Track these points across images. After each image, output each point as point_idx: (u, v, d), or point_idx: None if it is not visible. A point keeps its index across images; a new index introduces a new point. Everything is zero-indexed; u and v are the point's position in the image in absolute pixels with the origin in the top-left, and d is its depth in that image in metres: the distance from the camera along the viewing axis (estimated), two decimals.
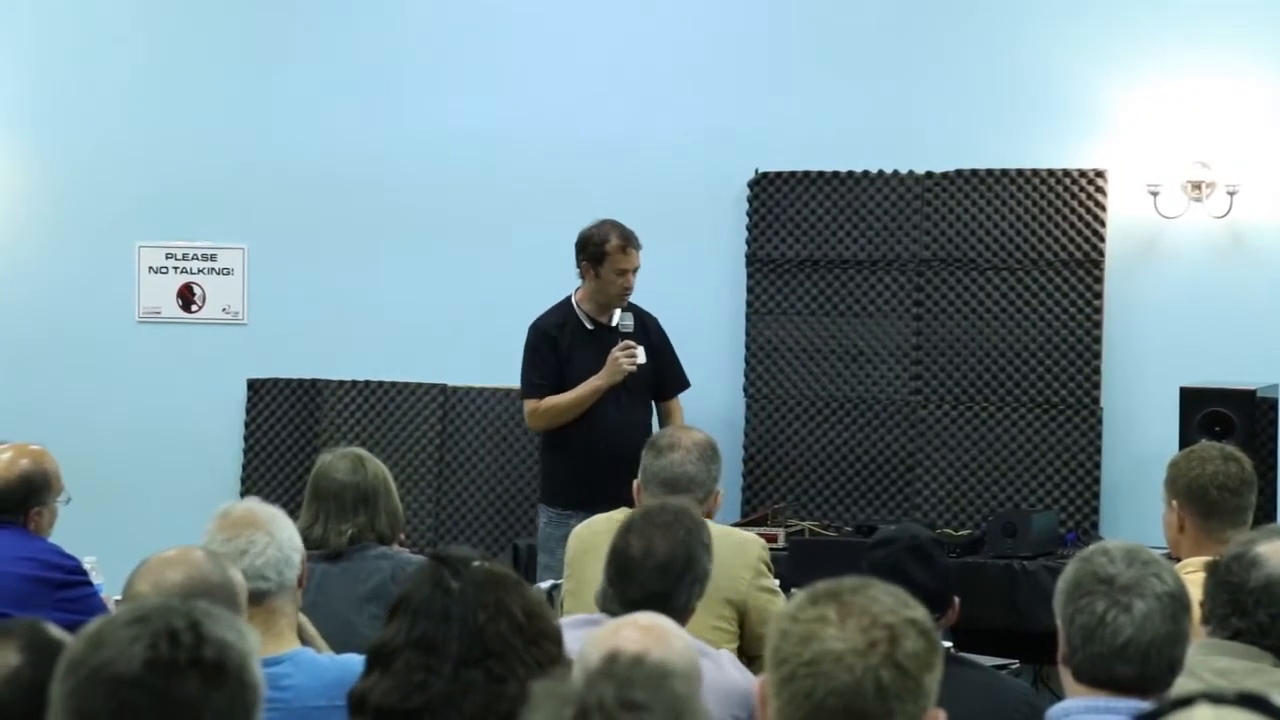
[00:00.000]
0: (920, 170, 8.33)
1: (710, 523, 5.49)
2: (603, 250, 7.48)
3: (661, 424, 7.67)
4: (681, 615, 4.27)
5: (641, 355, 7.54)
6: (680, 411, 7.80)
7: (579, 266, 7.56)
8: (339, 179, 8.90)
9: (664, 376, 7.75)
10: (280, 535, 4.19)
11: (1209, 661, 3.74)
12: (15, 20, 9.19)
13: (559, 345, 7.58)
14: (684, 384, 7.87)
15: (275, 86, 8.96)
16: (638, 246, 7.52)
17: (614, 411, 7.49)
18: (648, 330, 7.69)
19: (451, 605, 3.32)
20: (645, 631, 3.26)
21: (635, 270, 7.53)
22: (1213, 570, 3.90)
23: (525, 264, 8.67)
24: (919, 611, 2.58)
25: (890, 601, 2.57)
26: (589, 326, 7.60)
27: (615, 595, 4.27)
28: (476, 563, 3.38)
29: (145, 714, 2.34)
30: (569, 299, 7.67)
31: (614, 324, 7.57)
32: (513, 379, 8.59)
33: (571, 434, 7.53)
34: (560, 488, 7.52)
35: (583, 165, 8.62)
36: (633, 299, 7.73)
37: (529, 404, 7.63)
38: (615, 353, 7.46)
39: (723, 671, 4.21)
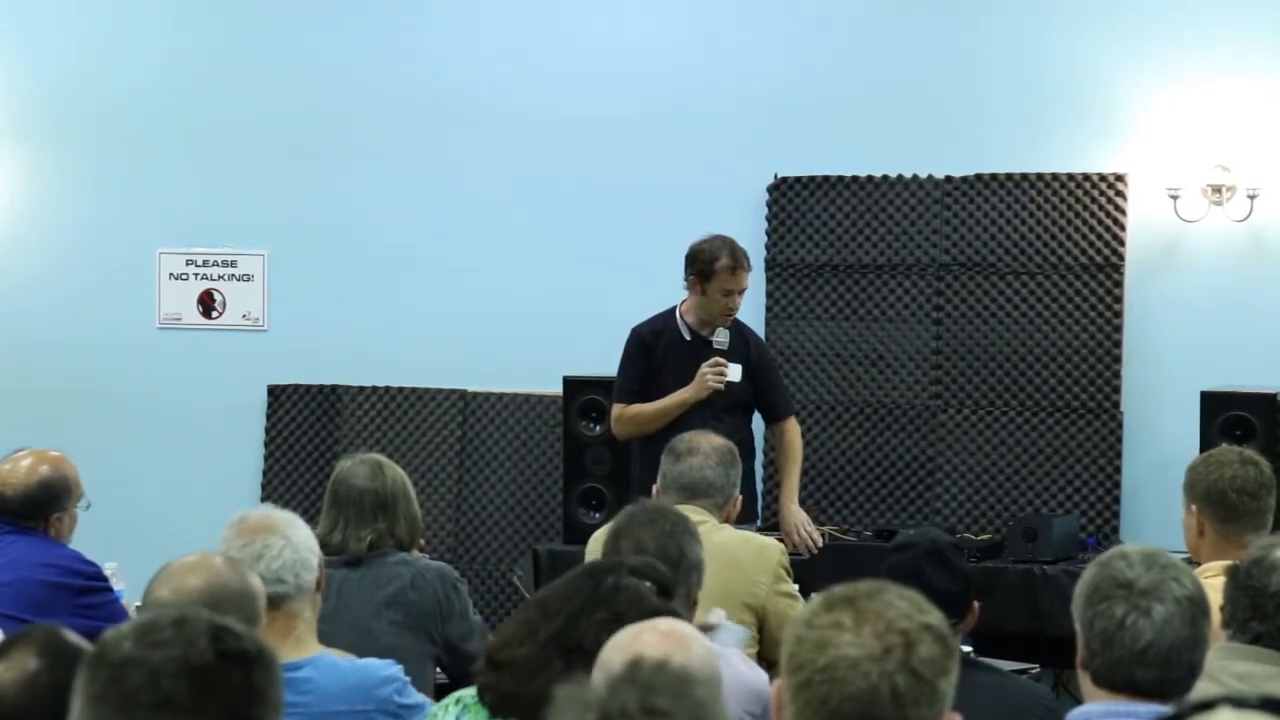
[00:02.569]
0: (939, 175, 8.32)
1: (730, 528, 5.53)
2: (711, 268, 7.25)
3: (777, 446, 7.59)
4: (684, 607, 4.29)
5: (735, 374, 7.33)
6: (795, 432, 7.57)
7: (686, 279, 7.35)
8: (357, 185, 8.92)
9: (766, 397, 7.53)
10: (296, 538, 4.18)
11: (1229, 666, 3.73)
12: (36, 26, 9.21)
13: (653, 352, 7.43)
14: (788, 407, 7.63)
15: (293, 96, 8.97)
16: (748, 268, 7.31)
17: (695, 425, 7.32)
18: (748, 348, 7.50)
19: (584, 590, 3.36)
20: (665, 636, 3.25)
21: (742, 291, 7.34)
22: (1233, 575, 3.89)
23: (545, 269, 8.68)
24: (934, 616, 2.57)
25: (905, 606, 2.56)
26: (687, 337, 7.41)
27: None
28: (645, 583, 3.41)
29: (223, 702, 2.35)
30: (674, 307, 7.49)
31: (712, 338, 7.42)
32: (531, 385, 8.63)
33: (655, 444, 7.36)
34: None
35: (603, 171, 8.63)
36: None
37: (616, 408, 7.48)
38: (704, 368, 7.28)
39: (734, 669, 4.22)
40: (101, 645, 2.41)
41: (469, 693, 3.62)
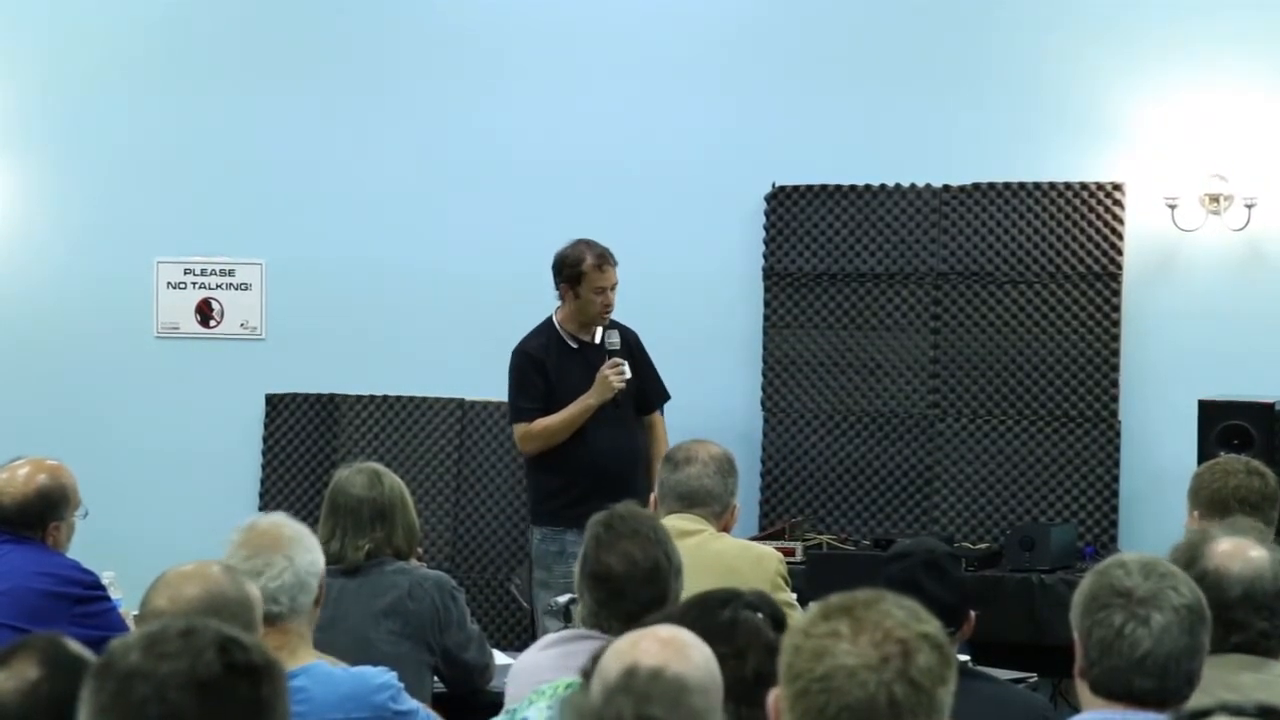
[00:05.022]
0: (937, 183, 8.33)
1: (728, 536, 5.53)
2: (579, 270, 7.45)
3: (650, 441, 7.66)
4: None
5: (629, 371, 7.52)
6: (662, 424, 7.75)
7: (557, 288, 7.54)
8: (355, 194, 8.92)
9: (645, 391, 7.70)
10: (299, 561, 4.18)
11: (1220, 677, 3.72)
12: (34, 35, 9.22)
13: (545, 367, 7.56)
14: (664, 396, 7.82)
15: (292, 102, 8.98)
16: (614, 264, 7.49)
17: (604, 428, 7.47)
18: (630, 345, 7.66)
19: (699, 625, 3.35)
20: (665, 644, 3.25)
21: (613, 287, 7.49)
22: None
23: (544, 278, 8.67)
24: (932, 625, 2.58)
25: (903, 615, 2.56)
26: (573, 345, 7.57)
27: (609, 614, 4.29)
28: (757, 614, 3.41)
29: (230, 714, 2.35)
30: (550, 320, 7.63)
31: (598, 341, 7.54)
32: None
33: (562, 452, 7.50)
34: (552, 506, 7.50)
35: (600, 179, 8.64)
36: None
37: (519, 428, 7.58)
38: (604, 370, 7.42)
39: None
40: (109, 655, 2.41)
41: (565, 683, 3.63)
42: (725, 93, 8.55)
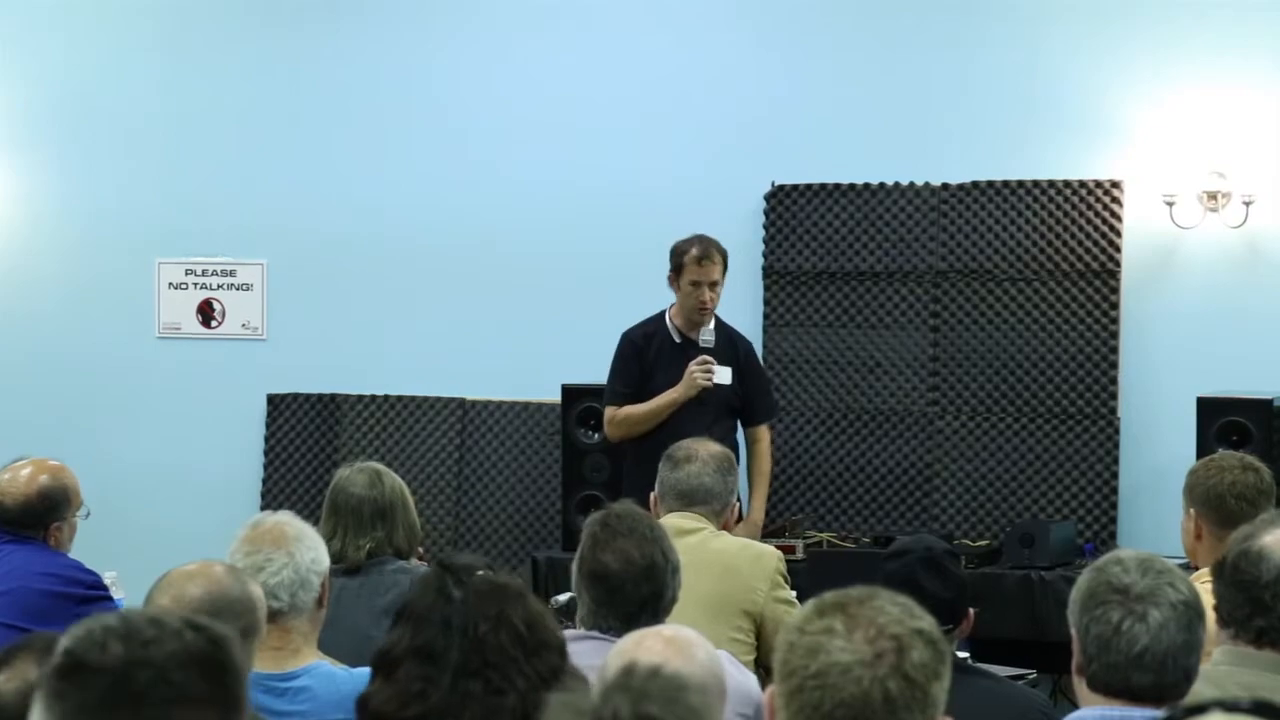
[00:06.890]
0: (936, 182, 8.34)
1: (727, 535, 5.54)
2: (681, 261, 7.46)
3: (748, 450, 7.66)
4: (669, 609, 4.32)
5: (725, 375, 7.46)
6: (766, 439, 7.72)
7: (668, 278, 7.55)
8: (356, 193, 8.93)
9: (749, 401, 7.65)
10: (301, 558, 4.18)
11: (1235, 674, 3.71)
12: (38, 36, 9.23)
13: (645, 355, 7.55)
14: (771, 413, 7.78)
15: (295, 104, 8.99)
16: (717, 261, 7.45)
17: (688, 427, 7.38)
18: (737, 351, 7.61)
19: (453, 614, 3.34)
20: (668, 643, 3.26)
21: (712, 284, 7.45)
22: (1220, 573, 3.83)
23: (544, 278, 8.69)
24: (926, 621, 2.59)
25: (897, 612, 2.57)
26: (677, 340, 7.56)
27: (608, 612, 4.30)
28: (481, 572, 3.40)
29: (227, 685, 2.38)
30: (664, 311, 7.64)
31: (699, 337, 7.51)
32: (529, 393, 8.64)
33: (656, 450, 7.42)
34: (643, 502, 7.45)
35: (599, 178, 8.65)
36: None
37: (608, 411, 7.61)
38: (691, 366, 7.42)
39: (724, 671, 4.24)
40: (77, 655, 2.38)
41: None
42: (725, 91, 8.56)
